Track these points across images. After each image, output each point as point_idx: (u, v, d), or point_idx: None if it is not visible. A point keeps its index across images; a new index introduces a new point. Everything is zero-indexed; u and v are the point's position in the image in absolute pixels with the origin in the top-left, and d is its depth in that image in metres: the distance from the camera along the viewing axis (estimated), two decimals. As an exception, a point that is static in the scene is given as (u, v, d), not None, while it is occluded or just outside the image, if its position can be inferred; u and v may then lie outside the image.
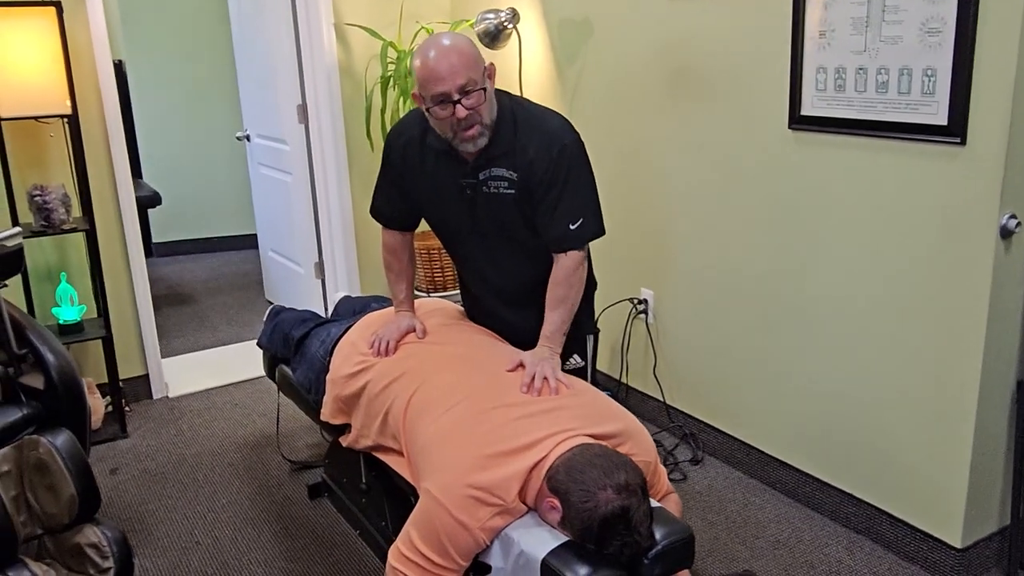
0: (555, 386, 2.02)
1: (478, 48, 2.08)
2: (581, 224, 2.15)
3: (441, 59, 2.00)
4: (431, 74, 2.01)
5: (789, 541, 2.61)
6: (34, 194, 3.18)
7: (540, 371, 2.05)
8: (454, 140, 2.11)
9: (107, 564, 2.30)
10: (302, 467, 3.13)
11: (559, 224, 2.15)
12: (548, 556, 1.73)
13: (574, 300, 2.20)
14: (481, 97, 2.04)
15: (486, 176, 2.17)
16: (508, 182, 2.16)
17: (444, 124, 2.08)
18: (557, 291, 2.19)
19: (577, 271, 2.19)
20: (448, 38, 2.04)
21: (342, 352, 2.44)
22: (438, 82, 2.01)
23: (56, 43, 3.05)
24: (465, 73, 2.00)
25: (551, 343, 2.17)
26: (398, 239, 2.48)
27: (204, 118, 6.08)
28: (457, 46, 2.02)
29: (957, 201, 2.18)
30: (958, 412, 2.27)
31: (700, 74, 2.86)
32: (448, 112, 2.04)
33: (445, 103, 2.02)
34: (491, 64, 2.11)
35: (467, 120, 2.04)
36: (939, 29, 2.10)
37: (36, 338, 2.48)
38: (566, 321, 2.20)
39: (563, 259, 2.18)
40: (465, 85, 2.01)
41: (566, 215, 2.14)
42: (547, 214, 2.16)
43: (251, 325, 4.73)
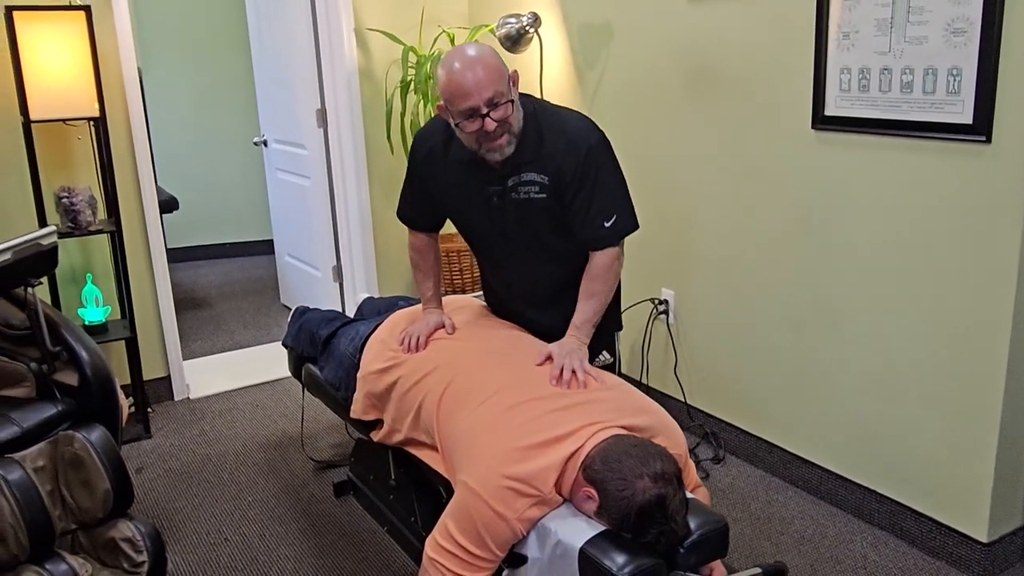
0: (583, 379, 2.04)
1: (501, 57, 2.09)
2: (615, 221, 2.18)
3: (467, 73, 2.00)
4: (458, 88, 2.01)
5: (814, 537, 2.63)
6: (61, 196, 3.22)
7: (568, 363, 2.07)
8: (481, 150, 2.12)
9: (141, 558, 2.33)
10: (326, 466, 3.16)
11: (593, 223, 2.17)
12: (586, 545, 1.75)
13: (606, 295, 2.23)
14: (509, 108, 2.05)
15: (515, 182, 2.18)
16: (539, 186, 2.17)
17: (472, 137, 2.09)
18: (592, 284, 2.22)
19: (612, 267, 2.22)
20: (472, 50, 2.05)
21: (372, 349, 2.47)
22: (465, 97, 2.01)
23: (85, 47, 3.09)
24: (492, 86, 2.00)
25: (579, 333, 2.20)
26: (424, 239, 2.51)
27: (219, 124, 6.13)
28: (482, 58, 2.02)
29: (982, 199, 2.21)
30: (983, 407, 2.30)
31: (721, 76, 2.90)
32: (477, 125, 2.04)
33: (474, 117, 2.03)
34: (515, 71, 2.12)
35: (496, 131, 2.05)
36: (964, 29, 2.14)
37: (70, 336, 2.52)
38: (597, 313, 2.22)
39: (599, 256, 2.21)
40: (493, 98, 2.01)
41: (599, 214, 2.17)
42: (580, 214, 2.18)
43: (268, 329, 4.76)
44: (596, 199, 2.16)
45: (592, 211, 2.16)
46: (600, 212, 2.16)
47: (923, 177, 2.34)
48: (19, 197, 3.30)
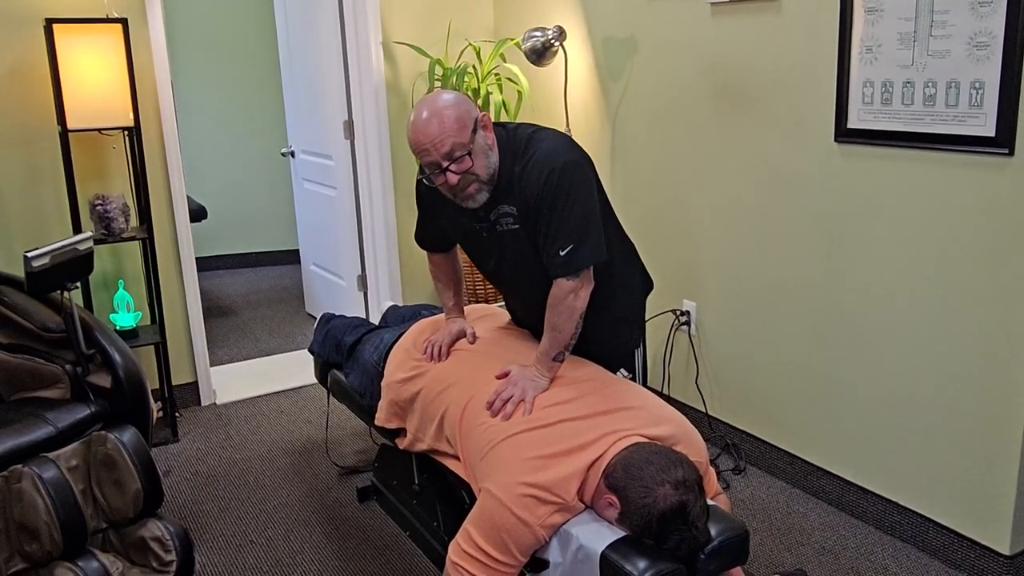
0: (510, 411, 2.00)
1: (467, 105, 2.05)
2: (571, 251, 2.05)
3: (424, 129, 2.00)
4: (417, 145, 2.03)
5: (834, 548, 2.63)
6: (96, 203, 3.30)
7: (509, 391, 2.05)
8: (456, 200, 2.12)
9: (169, 557, 2.38)
10: (350, 471, 3.19)
11: (550, 250, 2.08)
12: (607, 550, 1.78)
13: (564, 329, 2.11)
14: (468, 160, 2.02)
15: (496, 216, 2.16)
16: (512, 217, 2.14)
17: (443, 188, 2.09)
18: (549, 315, 2.13)
19: (566, 299, 2.09)
20: (431, 104, 2.02)
21: (396, 358, 2.51)
22: (424, 153, 2.02)
23: (121, 58, 3.18)
24: (450, 140, 1.99)
25: (539, 365, 2.11)
26: (440, 256, 2.53)
27: (247, 135, 6.23)
28: (438, 113, 2.00)
29: (1005, 211, 2.22)
30: (1005, 419, 2.30)
31: (745, 89, 2.93)
32: (442, 179, 2.05)
33: (437, 171, 2.04)
34: (484, 115, 2.09)
35: (461, 183, 2.05)
36: (987, 43, 2.16)
37: (104, 339, 2.58)
38: (554, 348, 2.11)
39: (555, 286, 2.11)
40: (451, 151, 2.00)
41: (555, 241, 2.06)
42: (541, 241, 2.10)
43: (293, 337, 4.82)
44: (554, 226, 2.06)
45: (550, 238, 2.07)
46: (556, 240, 2.06)
47: (945, 190, 2.35)
48: (55, 204, 3.39)
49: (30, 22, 3.23)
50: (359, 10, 3.98)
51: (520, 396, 2.04)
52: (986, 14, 2.15)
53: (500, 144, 2.12)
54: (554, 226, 2.06)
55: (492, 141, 2.10)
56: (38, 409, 2.47)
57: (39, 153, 3.35)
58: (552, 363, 2.13)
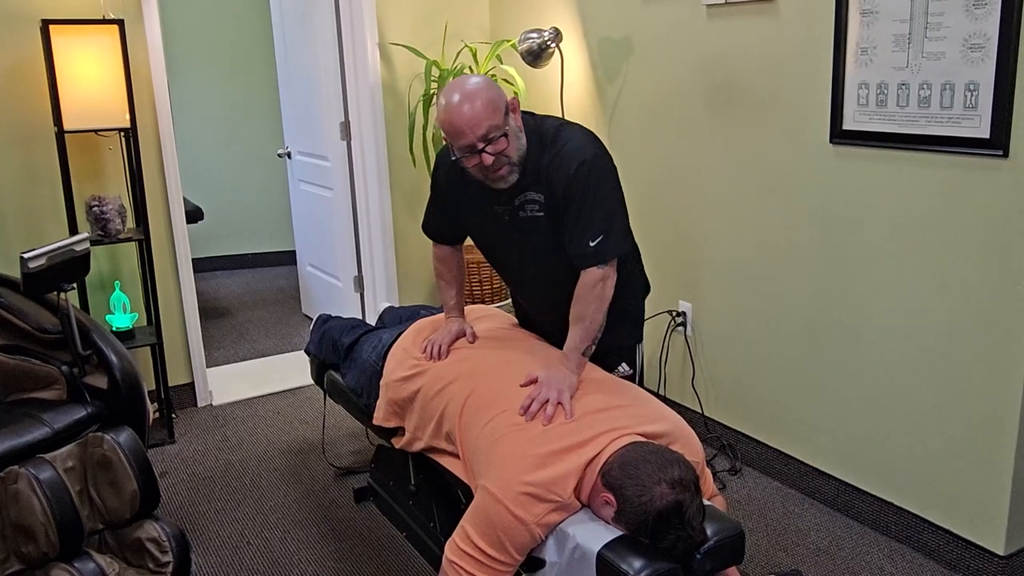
0: (551, 413, 1.97)
1: (497, 88, 2.08)
2: (601, 241, 2.11)
3: (459, 110, 2.02)
4: (452, 128, 2.04)
5: (830, 549, 2.64)
6: (92, 204, 3.30)
7: (544, 395, 2.02)
8: (486, 181, 2.14)
9: (166, 558, 2.38)
10: (347, 472, 3.20)
11: (580, 241, 2.12)
12: (603, 549, 1.78)
13: (593, 317, 2.14)
14: (504, 142, 2.05)
15: (521, 201, 2.19)
16: (538, 204, 2.17)
17: (474, 170, 2.11)
18: (577, 307, 2.16)
19: (596, 288, 2.13)
20: (463, 87, 2.05)
21: (395, 357, 2.51)
22: (460, 135, 2.03)
23: (118, 59, 3.18)
24: (485, 122, 2.01)
25: (568, 362, 2.13)
26: (448, 250, 2.54)
27: (244, 136, 6.23)
28: (475, 94, 2.03)
29: (999, 212, 2.23)
30: (1000, 420, 2.31)
31: (740, 90, 2.93)
32: (476, 161, 2.06)
33: (471, 153, 2.05)
34: (514, 98, 2.12)
35: (495, 164, 2.07)
36: (981, 45, 2.17)
37: (100, 340, 2.58)
38: (585, 340, 2.14)
39: (584, 276, 2.15)
40: (487, 133, 2.02)
41: (586, 232, 2.11)
42: (568, 231, 2.14)
43: (289, 338, 4.82)
44: (584, 216, 2.11)
45: (579, 228, 2.12)
46: (587, 230, 2.11)
47: (940, 191, 2.36)
48: (51, 205, 3.39)
49: (26, 23, 3.23)
50: (355, 11, 3.98)
51: (557, 398, 2.00)
52: (980, 16, 2.16)
53: (528, 131, 2.15)
54: (584, 216, 2.11)
55: (520, 124, 2.14)
56: (34, 410, 2.47)
57: (35, 154, 3.35)
58: (581, 358, 2.14)
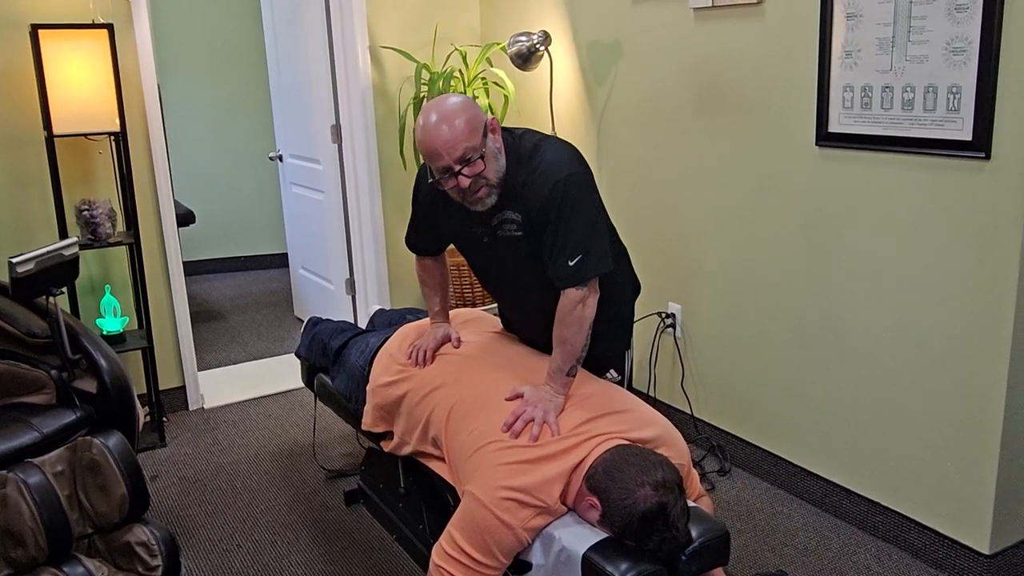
0: (536, 433, 1.95)
1: (475, 108, 2.06)
2: (580, 261, 2.07)
3: (435, 133, 2.00)
4: (429, 150, 2.03)
5: (818, 549, 2.65)
6: (82, 208, 3.30)
7: (530, 413, 2.00)
8: (464, 203, 2.12)
9: (155, 562, 2.38)
10: (337, 475, 3.20)
11: (558, 261, 2.09)
12: (589, 551, 1.80)
13: (574, 340, 2.10)
14: (481, 164, 2.03)
15: (499, 220, 2.17)
16: (516, 224, 2.15)
17: (453, 191, 2.10)
18: (559, 330, 2.12)
19: (575, 309, 2.09)
20: (440, 108, 2.03)
21: (381, 362, 2.52)
22: (437, 157, 2.02)
23: (107, 63, 3.18)
24: (462, 144, 2.00)
25: (553, 383, 2.09)
26: (430, 260, 2.54)
27: (235, 139, 6.23)
28: (450, 115, 2.01)
29: (982, 214, 2.25)
30: (985, 420, 2.33)
31: (728, 93, 2.95)
32: (453, 183, 2.05)
33: (448, 175, 2.04)
34: (493, 119, 2.11)
35: (472, 186, 2.05)
36: (963, 48, 2.18)
37: (89, 344, 2.58)
38: (567, 362, 2.10)
39: (563, 296, 2.11)
40: (464, 155, 2.00)
41: (563, 252, 2.07)
42: (547, 251, 2.11)
43: (281, 340, 4.82)
44: (561, 237, 2.07)
45: (557, 248, 2.08)
46: (564, 250, 2.07)
47: (924, 193, 2.38)
48: (41, 209, 3.39)
49: (15, 27, 3.23)
50: (346, 15, 3.99)
51: (542, 418, 1.98)
52: (963, 20, 2.18)
53: (506, 149, 2.13)
54: (561, 237, 2.07)
55: (500, 145, 2.12)
56: (23, 414, 2.48)
57: (25, 158, 3.35)
58: (566, 379, 2.10)
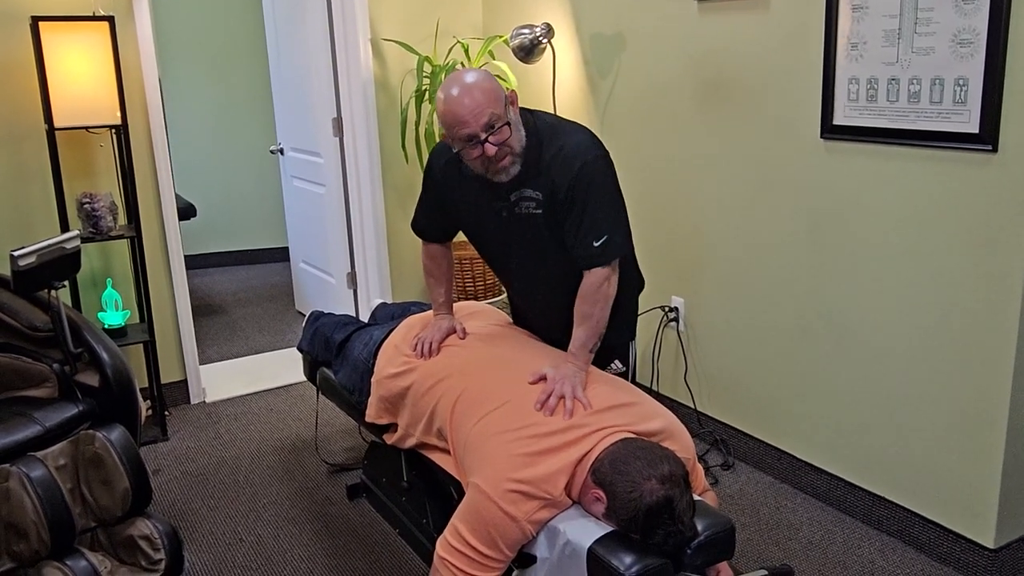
0: (571, 407, 1.98)
1: (495, 80, 2.10)
2: (605, 241, 2.12)
3: (461, 101, 2.02)
4: (454, 118, 2.04)
5: (822, 543, 2.65)
6: (83, 202, 3.29)
7: (559, 389, 2.02)
8: (487, 174, 2.13)
9: (158, 556, 2.38)
10: (340, 469, 3.20)
11: (584, 241, 2.13)
12: (594, 545, 1.79)
13: (599, 317, 2.16)
14: (507, 131, 2.06)
15: (517, 197, 2.18)
16: (536, 202, 2.17)
17: (476, 163, 2.11)
18: (582, 307, 2.17)
19: (602, 287, 2.14)
20: (465, 78, 2.06)
21: (386, 354, 2.51)
22: (462, 125, 2.03)
23: (108, 56, 3.17)
24: (488, 110, 2.02)
25: (576, 360, 2.13)
26: (437, 248, 2.54)
27: (236, 133, 6.22)
28: (476, 84, 2.04)
29: (988, 207, 2.23)
30: (990, 414, 2.32)
31: (732, 85, 2.94)
32: (478, 152, 2.06)
33: (474, 144, 2.05)
34: (512, 92, 2.14)
35: (498, 154, 2.07)
36: (971, 40, 2.17)
37: (92, 338, 2.58)
38: (591, 338, 2.16)
39: (588, 275, 2.15)
40: (489, 122, 2.02)
41: (590, 232, 2.12)
42: (572, 232, 2.14)
43: (283, 334, 4.82)
44: (588, 217, 2.12)
45: (583, 229, 2.12)
46: (591, 230, 2.12)
47: (930, 186, 2.37)
48: (42, 203, 3.38)
49: (16, 19, 3.22)
50: (347, 7, 3.97)
51: (572, 392, 2.01)
52: (970, 11, 2.17)
53: (525, 127, 2.15)
54: (588, 217, 2.11)
55: (519, 118, 2.14)
56: (26, 408, 2.47)
57: (26, 151, 3.34)
58: (588, 355, 2.16)
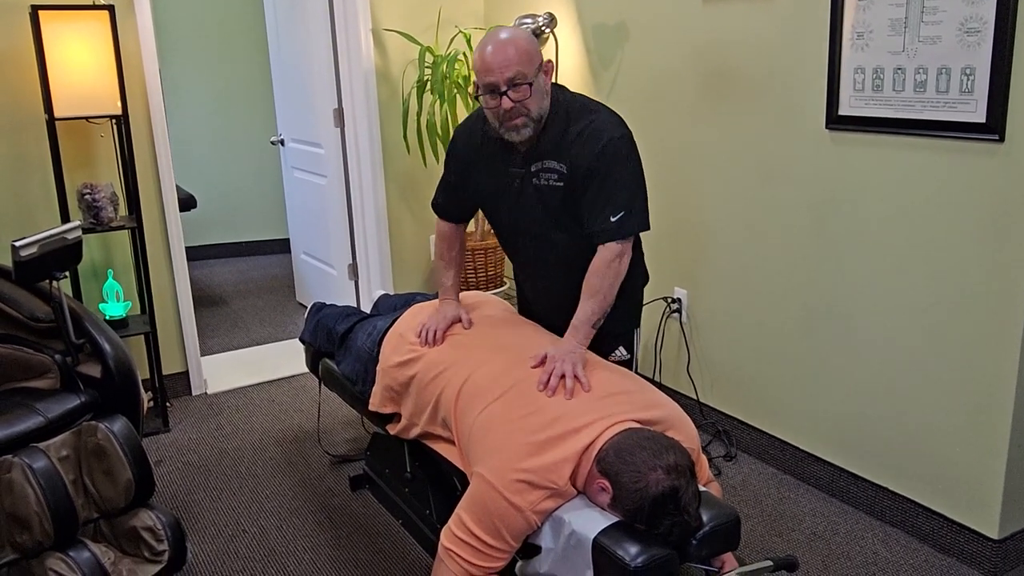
0: (571, 386, 1.99)
1: (536, 43, 2.16)
2: (622, 217, 2.17)
3: (496, 52, 2.10)
4: (483, 65, 2.12)
5: (825, 534, 2.65)
6: (84, 192, 3.27)
7: (559, 368, 2.03)
8: (500, 129, 2.19)
9: (162, 547, 2.37)
10: (342, 460, 3.19)
11: (600, 215, 2.18)
12: (599, 535, 1.78)
13: (607, 292, 2.19)
14: (527, 92, 2.11)
15: (537, 168, 2.24)
16: (558, 174, 2.22)
17: (492, 114, 2.18)
18: (592, 280, 2.19)
19: (613, 263, 2.19)
20: (507, 32, 2.14)
21: (391, 342, 2.51)
22: (488, 72, 2.11)
23: (108, 45, 3.15)
24: (515, 67, 2.09)
25: (577, 334, 2.16)
26: (452, 228, 2.56)
27: (237, 123, 6.20)
28: (513, 41, 2.11)
29: (995, 197, 2.22)
30: (994, 405, 2.31)
31: (736, 76, 2.92)
32: (495, 103, 2.13)
33: (494, 93, 2.12)
34: (549, 61, 2.19)
35: (512, 111, 2.13)
36: (978, 29, 2.16)
37: (93, 328, 2.57)
38: (596, 313, 2.18)
39: (602, 250, 2.19)
40: (513, 78, 2.09)
41: (607, 207, 2.17)
42: (590, 205, 2.20)
43: (284, 326, 4.81)
44: (607, 191, 2.18)
45: (600, 203, 2.18)
46: (609, 205, 2.17)
47: (936, 176, 2.36)
48: (43, 193, 3.36)
49: (15, 8, 3.20)
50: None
51: (572, 371, 2.02)
52: (977, 0, 2.15)
53: (555, 101, 2.21)
54: (608, 191, 2.17)
55: (548, 89, 2.20)
56: (28, 399, 2.46)
57: (26, 142, 3.32)
58: (590, 330, 2.18)
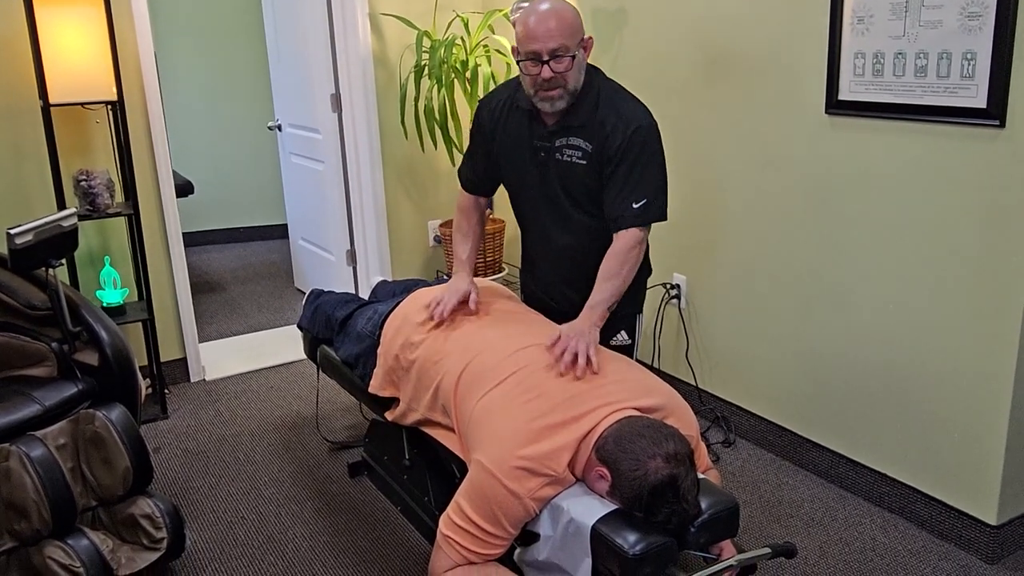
0: (583, 365, 2.02)
1: (580, 19, 2.18)
2: (644, 205, 2.21)
3: (541, 21, 2.13)
4: (529, 32, 2.15)
5: (823, 520, 2.65)
6: (80, 179, 3.26)
7: (573, 346, 2.05)
8: (535, 97, 2.21)
9: (160, 535, 2.37)
10: (341, 447, 3.19)
11: (623, 201, 2.21)
12: (598, 523, 1.78)
13: (625, 277, 2.23)
14: (569, 64, 2.15)
15: (562, 143, 2.27)
16: (582, 152, 2.24)
17: (529, 80, 2.20)
18: (610, 264, 2.23)
19: (633, 250, 2.23)
20: (553, 3, 2.16)
21: (393, 325, 2.50)
22: (532, 41, 2.14)
23: (103, 31, 3.12)
24: (559, 39, 2.12)
25: (592, 315, 2.18)
26: (471, 201, 2.58)
27: (233, 109, 6.16)
28: (559, 11, 2.14)
29: (996, 182, 2.21)
30: (994, 391, 2.31)
31: (736, 61, 2.90)
32: (536, 70, 2.16)
33: (535, 61, 2.15)
34: (590, 37, 2.22)
35: (551, 82, 2.16)
36: (979, 13, 2.14)
37: (90, 316, 2.56)
38: (613, 296, 2.22)
39: (622, 235, 2.23)
40: (556, 49, 2.13)
41: (632, 193, 2.21)
42: (614, 190, 2.23)
43: (282, 312, 4.80)
44: (631, 178, 2.21)
45: (624, 189, 2.21)
46: (633, 192, 2.21)
47: (936, 162, 2.35)
48: (38, 180, 3.35)
49: (9, -6, 3.17)
50: (345, -19, 3.92)
51: (584, 350, 2.04)
52: (979, -16, 2.14)
53: (588, 80, 2.25)
54: (633, 179, 2.21)
55: (584, 65, 2.23)
56: (24, 387, 2.45)
57: (21, 128, 3.30)
58: (605, 312, 2.21)
